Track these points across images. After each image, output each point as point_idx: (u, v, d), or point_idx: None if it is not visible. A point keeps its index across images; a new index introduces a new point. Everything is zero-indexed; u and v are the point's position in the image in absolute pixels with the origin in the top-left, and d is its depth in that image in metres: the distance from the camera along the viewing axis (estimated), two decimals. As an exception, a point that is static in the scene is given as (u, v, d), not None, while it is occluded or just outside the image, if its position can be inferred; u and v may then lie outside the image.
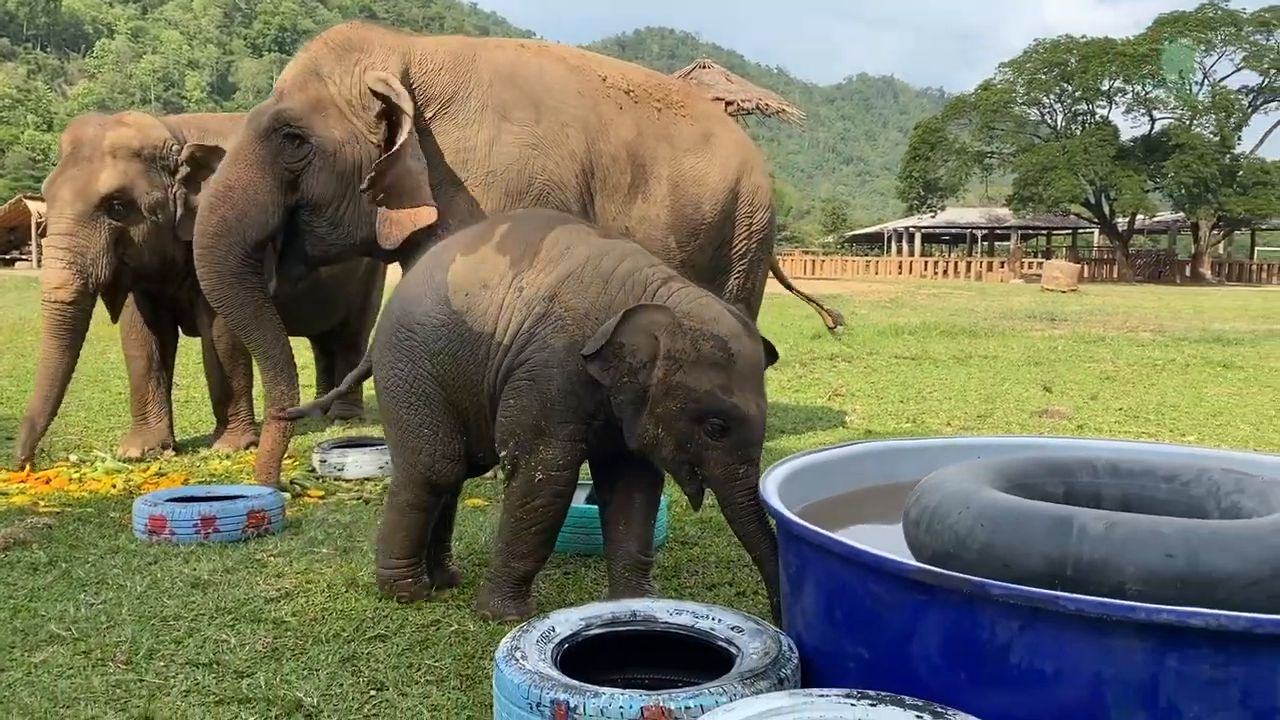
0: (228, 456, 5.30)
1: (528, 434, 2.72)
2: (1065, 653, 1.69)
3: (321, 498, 4.34)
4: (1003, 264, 39.73)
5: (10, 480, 4.53)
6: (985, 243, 49.13)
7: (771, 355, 2.76)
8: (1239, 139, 39.68)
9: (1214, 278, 38.45)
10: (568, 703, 1.90)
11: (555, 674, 2.00)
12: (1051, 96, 41.58)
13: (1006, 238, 46.72)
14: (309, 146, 3.98)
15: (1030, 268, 36.73)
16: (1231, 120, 38.82)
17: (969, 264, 40.24)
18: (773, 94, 22.10)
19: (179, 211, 4.97)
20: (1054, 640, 1.70)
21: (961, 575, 1.78)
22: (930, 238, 50.31)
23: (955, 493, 2.05)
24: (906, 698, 1.80)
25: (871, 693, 1.82)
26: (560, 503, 2.80)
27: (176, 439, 5.52)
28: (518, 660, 2.05)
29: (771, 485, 2.39)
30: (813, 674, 2.13)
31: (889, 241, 49.95)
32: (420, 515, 2.95)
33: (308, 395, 7.26)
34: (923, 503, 2.09)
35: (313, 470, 4.82)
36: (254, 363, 5.51)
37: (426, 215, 4.02)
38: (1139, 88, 39.55)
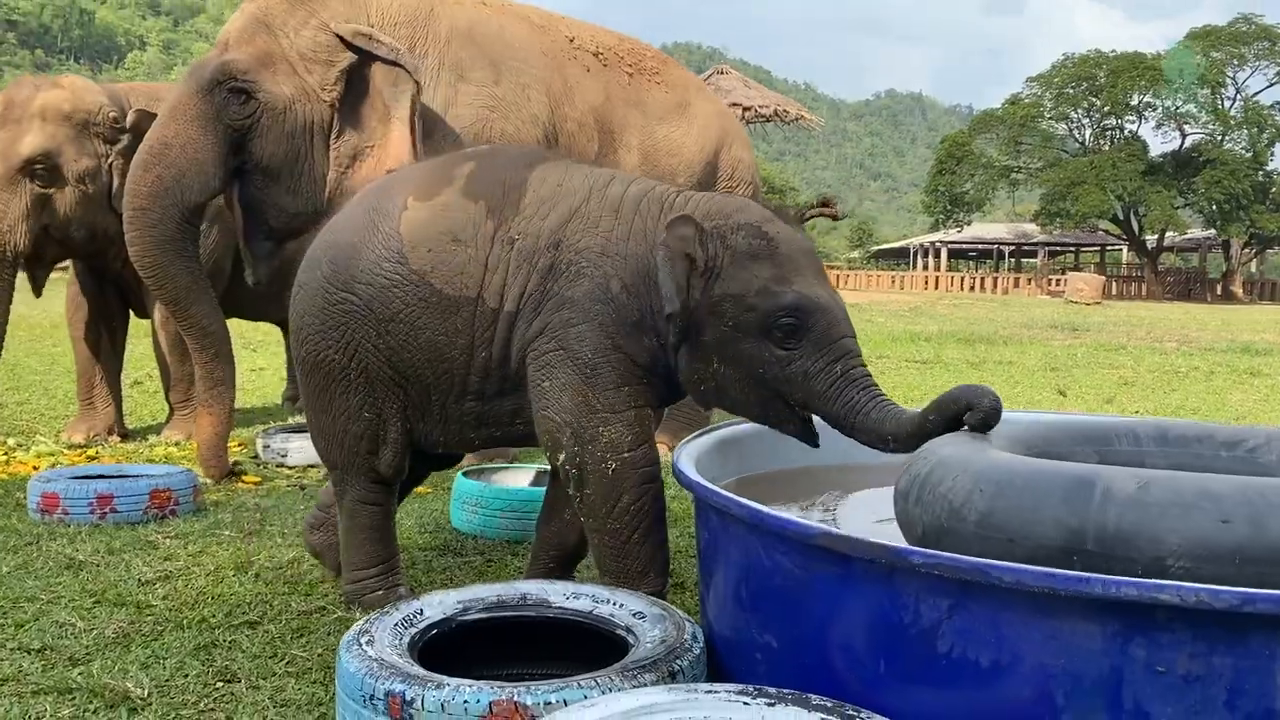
0: (177, 444, 4.99)
1: (580, 418, 2.13)
2: (1004, 639, 1.34)
3: (256, 484, 4.02)
4: (1030, 280, 39.07)
5: (-68, 461, 4.25)
6: (1012, 259, 48.38)
7: None
8: (1272, 155, 38.88)
9: (1246, 296, 37.60)
10: (404, 695, 1.56)
11: (398, 661, 1.66)
12: (1079, 111, 40.89)
13: (1033, 254, 46.02)
14: (255, 103, 3.67)
15: (1057, 284, 36.08)
16: (1264, 136, 38.00)
17: (995, 279, 39.59)
18: (791, 100, 21.73)
19: (115, 182, 4.65)
20: (989, 623, 1.34)
21: (878, 541, 1.42)
22: (956, 253, 49.63)
23: (952, 456, 1.63)
24: (814, 696, 1.45)
25: (771, 690, 1.47)
26: (652, 489, 2.17)
27: (130, 425, 5.23)
28: (360, 646, 1.71)
29: (688, 455, 2.04)
30: (721, 668, 1.78)
31: (915, 257, 49.33)
32: (372, 512, 2.44)
33: (275, 384, 6.99)
34: (914, 470, 1.67)
35: (255, 457, 4.50)
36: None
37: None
38: (1169, 102, 38.88)
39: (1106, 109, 39.64)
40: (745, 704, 1.44)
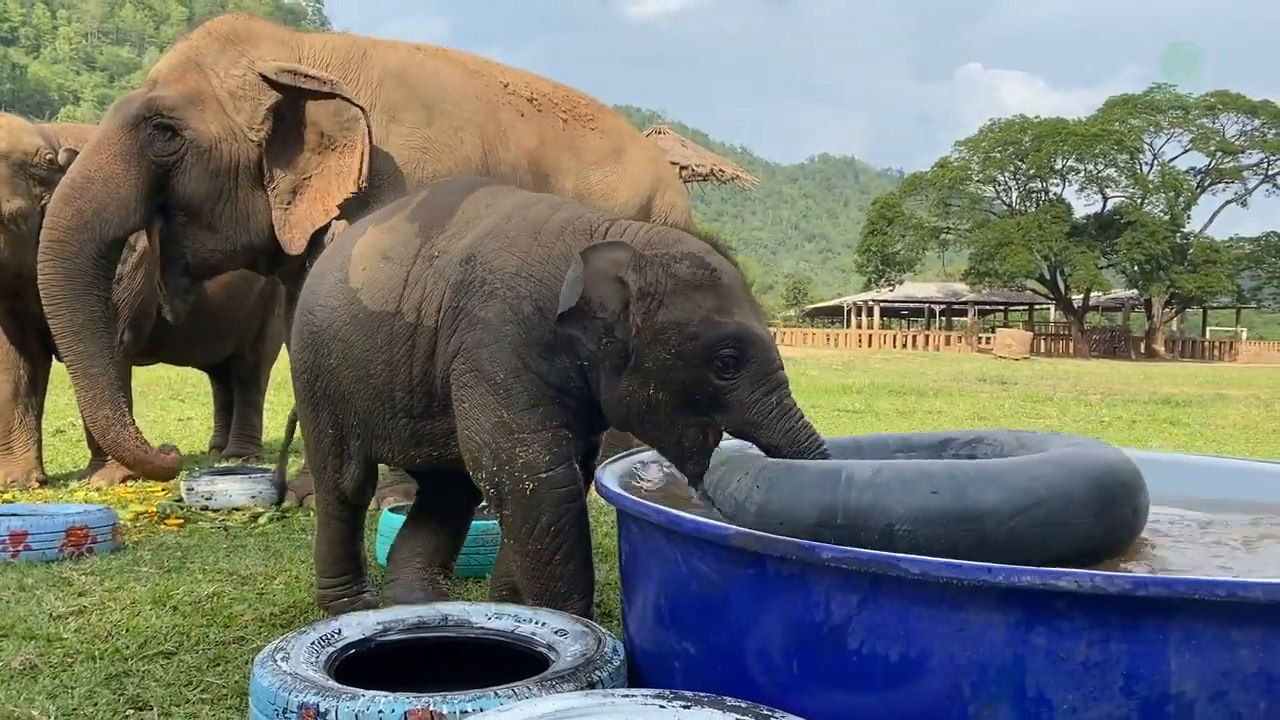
0: (98, 489, 4.86)
1: (498, 438, 2.13)
2: (912, 632, 1.36)
3: (180, 525, 3.93)
4: (960, 337, 39.89)
5: None
6: (943, 317, 49.42)
7: None
8: (1188, 218, 40.38)
9: (1169, 353, 38.73)
10: (317, 706, 1.54)
11: (313, 675, 1.64)
12: (1006, 174, 42.15)
13: (964, 312, 47.00)
14: (181, 140, 3.67)
15: (986, 341, 36.86)
16: (1181, 200, 39.48)
17: (927, 337, 40.36)
18: (727, 160, 22.11)
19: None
20: (898, 617, 1.37)
21: (789, 539, 1.45)
22: (889, 311, 50.53)
23: (738, 461, 1.94)
24: (729, 699, 1.45)
25: (688, 693, 1.48)
26: (572, 509, 2.15)
27: (50, 473, 5.09)
28: (275, 662, 1.68)
29: (612, 472, 2.06)
30: (642, 681, 1.78)
31: (848, 315, 50.14)
32: (339, 526, 2.58)
33: (203, 433, 6.86)
34: (712, 476, 1.96)
35: (179, 500, 4.40)
36: (129, 389, 5.14)
37: (323, 214, 3.74)
38: (1091, 167, 40.25)
39: (1031, 172, 40.92)
40: (661, 707, 1.45)
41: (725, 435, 2.08)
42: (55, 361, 5.21)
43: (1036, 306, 47.84)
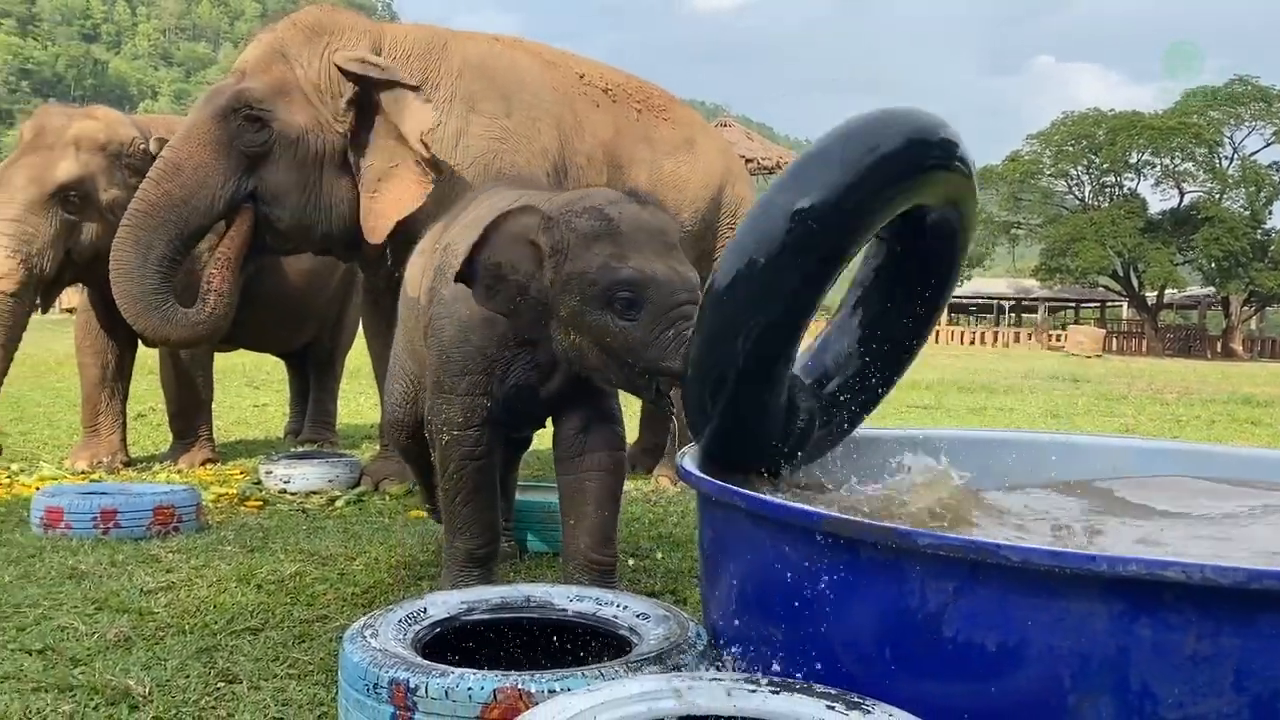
0: (179, 471, 4.99)
1: (431, 394, 2.53)
2: (1010, 621, 1.34)
3: (259, 507, 4.01)
4: (1030, 334, 39.18)
5: (-63, 483, 4.24)
6: (1012, 314, 48.57)
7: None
8: (1269, 214, 39.17)
9: (1247, 353, 37.66)
10: (408, 682, 1.55)
11: (402, 651, 1.66)
12: (1079, 168, 41.25)
13: (1034, 309, 46.17)
14: (270, 131, 3.73)
15: (1057, 339, 36.16)
16: (1262, 195, 38.31)
17: (995, 334, 39.72)
18: (794, 153, 21.95)
19: None
20: (996, 605, 1.35)
21: (886, 525, 1.43)
22: (956, 308, 49.79)
23: None
24: (818, 685, 1.44)
25: (776, 678, 1.47)
26: (472, 466, 2.50)
27: (132, 455, 5.22)
28: (364, 639, 1.71)
29: (693, 457, 2.05)
30: (724, 665, 1.76)
31: (915, 311, 49.54)
32: None
33: (278, 419, 7.00)
34: None
35: (258, 483, 4.49)
36: (210, 375, 5.27)
37: (405, 205, 3.77)
38: (1168, 161, 39.24)
39: (1105, 166, 40.00)
40: (750, 691, 1.44)
41: None
42: (140, 348, 5.38)
43: (1109, 304, 46.83)
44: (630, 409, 8.22)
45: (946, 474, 1.93)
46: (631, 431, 6.20)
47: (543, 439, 2.93)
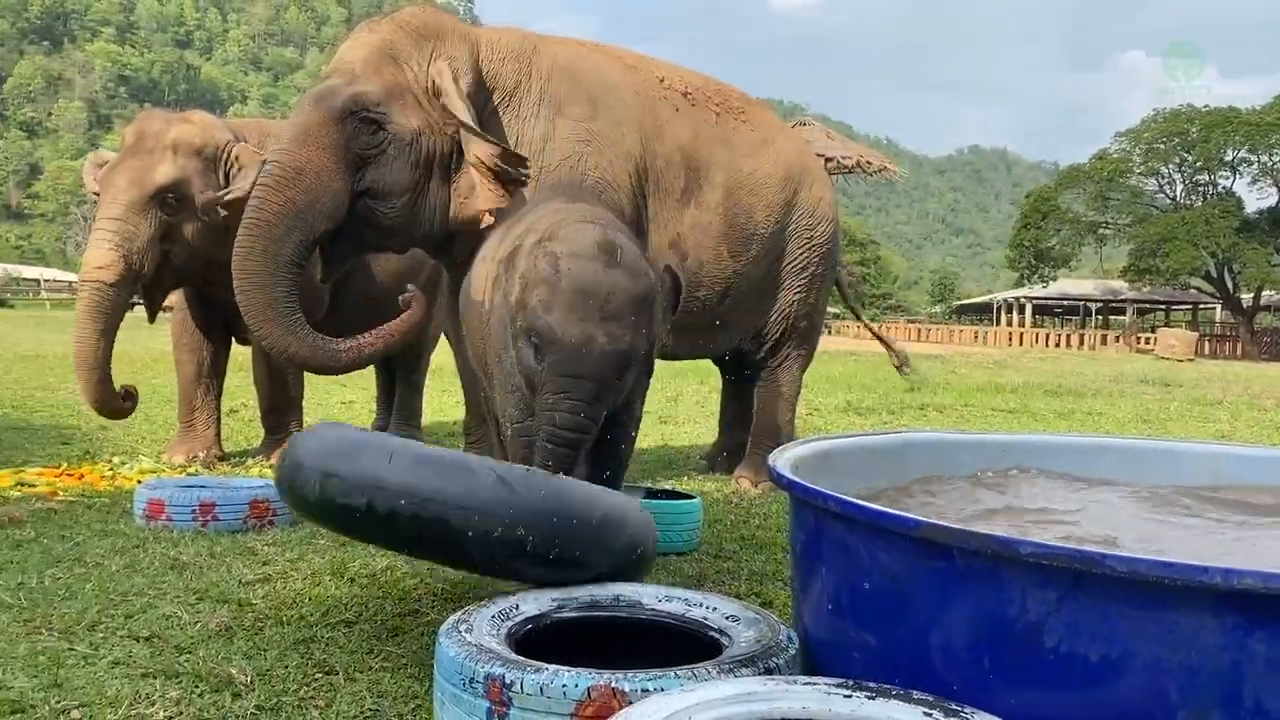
0: (271, 467, 5.12)
1: (496, 391, 2.95)
2: (1115, 633, 1.31)
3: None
4: (1118, 337, 38.15)
5: (43, 474, 4.42)
6: (1099, 316, 47.37)
7: (675, 294, 2.81)
8: (1376, 213, 37.59)
9: (1350, 359, 36.22)
10: (503, 678, 1.58)
11: (497, 647, 1.68)
12: (1170, 166, 40.03)
13: (1122, 311, 44.99)
14: (385, 134, 3.72)
15: (1147, 342, 35.15)
16: (1368, 193, 36.84)
17: (1082, 336, 38.75)
18: (874, 151, 21.68)
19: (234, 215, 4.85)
20: (1100, 616, 1.32)
21: (985, 532, 1.41)
22: (1041, 309, 48.76)
23: None
24: (915, 692, 1.43)
25: (871, 684, 1.46)
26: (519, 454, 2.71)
27: (227, 451, 5.38)
28: (460, 633, 1.74)
29: (785, 460, 2.04)
30: (816, 669, 1.76)
31: (998, 312, 48.62)
32: None
33: (365, 416, 7.14)
34: None
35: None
36: (301, 372, 5.39)
37: (497, 200, 3.79)
38: (1266, 158, 37.88)
39: (1199, 164, 38.77)
40: (846, 696, 1.43)
41: None
42: (234, 346, 5.55)
43: (1201, 306, 45.37)
44: (709, 409, 8.20)
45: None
46: (711, 432, 6.24)
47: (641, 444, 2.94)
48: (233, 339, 5.52)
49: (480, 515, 1.96)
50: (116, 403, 4.72)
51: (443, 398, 8.25)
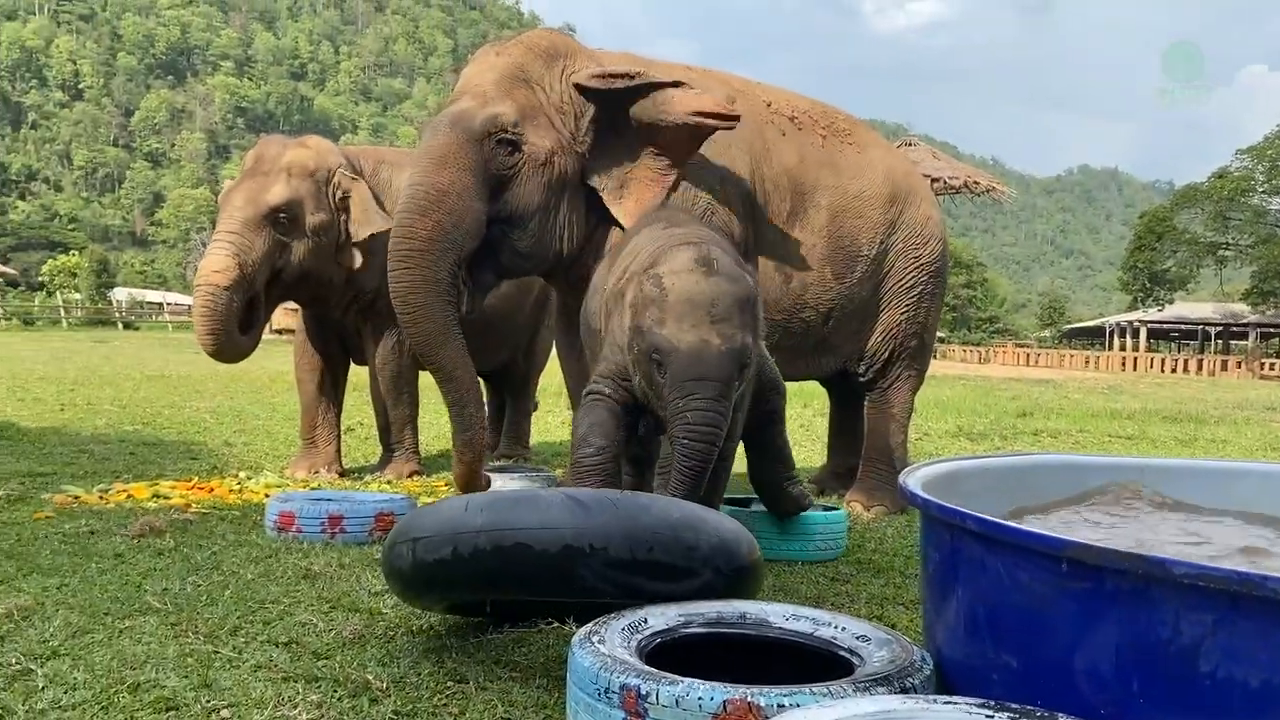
0: (389, 483, 5.26)
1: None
2: (1277, 659, 1.26)
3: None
4: (1239, 363, 36.59)
5: (176, 487, 4.62)
6: (1219, 340, 45.51)
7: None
8: None
9: None
10: (639, 689, 1.60)
11: (630, 659, 1.71)
12: (1296, 185, 38.41)
13: (1244, 335, 43.15)
14: (521, 155, 3.75)
15: (1271, 368, 33.64)
16: None
17: (1200, 361, 37.27)
18: (981, 171, 21.32)
19: (342, 237, 5.04)
20: (1260, 640, 1.28)
21: (1135, 552, 1.38)
22: (1156, 333, 47.08)
23: None
24: (1061, 715, 1.40)
25: (1014, 705, 1.43)
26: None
27: (345, 467, 5.55)
28: (593, 644, 1.77)
29: (915, 480, 2.03)
30: (950, 690, 1.73)
31: (1110, 336, 47.12)
32: None
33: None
34: None
35: (462, 495, 4.68)
36: (416, 391, 5.53)
37: (654, 197, 3.85)
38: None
39: (1327, 182, 37.11)
40: (988, 716, 1.41)
41: None
42: (353, 365, 5.73)
43: (1332, 330, 43.24)
44: (813, 432, 8.12)
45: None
46: (814, 455, 6.19)
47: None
48: (350, 359, 5.71)
49: (558, 535, 2.04)
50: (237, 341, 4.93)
51: (548, 418, 8.36)
